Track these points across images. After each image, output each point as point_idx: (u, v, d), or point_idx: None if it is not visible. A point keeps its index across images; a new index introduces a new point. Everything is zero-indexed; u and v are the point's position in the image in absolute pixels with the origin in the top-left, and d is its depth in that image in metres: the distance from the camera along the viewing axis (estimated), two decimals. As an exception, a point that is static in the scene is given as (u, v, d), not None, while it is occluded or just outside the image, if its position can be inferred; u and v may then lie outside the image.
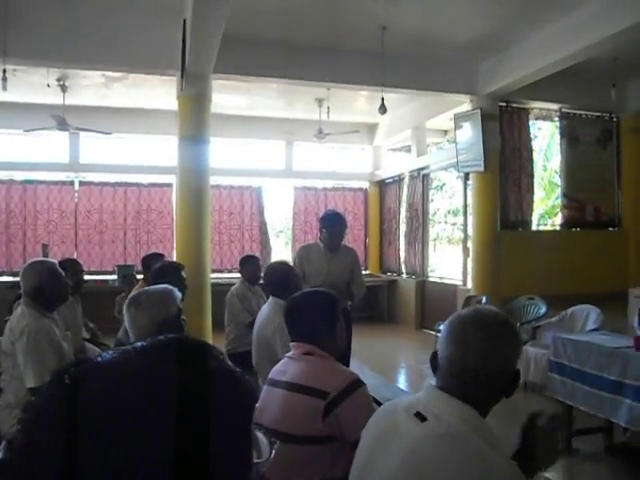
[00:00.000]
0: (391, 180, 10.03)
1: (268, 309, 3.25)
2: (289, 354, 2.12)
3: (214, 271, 8.55)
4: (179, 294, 2.14)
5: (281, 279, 3.25)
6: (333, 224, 4.07)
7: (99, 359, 0.52)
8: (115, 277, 7.87)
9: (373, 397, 2.29)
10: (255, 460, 0.60)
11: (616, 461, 3.65)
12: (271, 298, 3.29)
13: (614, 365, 3.41)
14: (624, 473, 3.54)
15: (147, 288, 2.17)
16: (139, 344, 0.54)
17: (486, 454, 1.12)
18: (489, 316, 1.28)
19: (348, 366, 2.84)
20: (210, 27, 4.61)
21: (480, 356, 1.21)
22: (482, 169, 6.99)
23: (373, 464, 1.27)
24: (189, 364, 0.53)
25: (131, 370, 0.51)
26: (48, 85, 7.03)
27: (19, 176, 8.65)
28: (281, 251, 10.33)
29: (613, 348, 3.48)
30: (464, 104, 7.35)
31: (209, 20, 4.48)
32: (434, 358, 1.29)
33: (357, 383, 1.92)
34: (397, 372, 6.44)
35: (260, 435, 0.81)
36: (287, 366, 2.08)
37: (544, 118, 8.05)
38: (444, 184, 14.28)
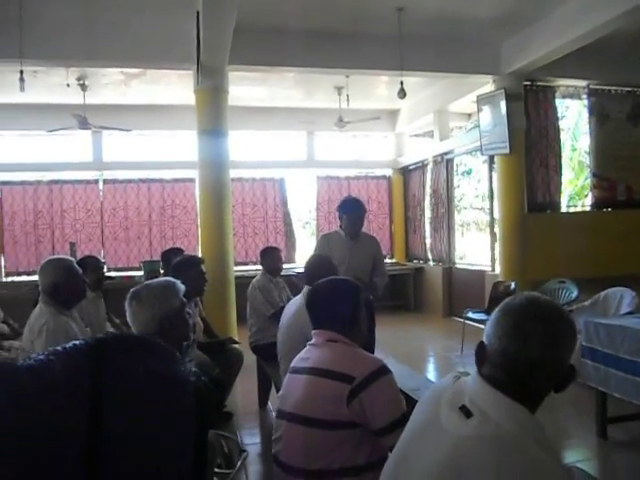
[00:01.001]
0: (414, 166, 9.87)
1: (302, 299, 3.19)
2: (311, 342, 2.08)
3: (239, 264, 8.60)
4: (182, 287, 2.09)
5: (317, 270, 3.19)
6: (352, 209, 4.01)
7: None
8: (141, 273, 7.94)
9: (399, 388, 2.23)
10: (222, 470, 0.55)
11: (654, 449, 3.51)
12: (305, 288, 3.23)
13: (650, 349, 3.27)
14: (662, 461, 3.40)
15: (149, 282, 2.13)
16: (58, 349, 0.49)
17: (537, 456, 1.04)
18: (547, 308, 1.19)
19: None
20: (222, 18, 4.56)
21: (539, 352, 1.13)
22: (507, 151, 6.80)
23: (410, 455, 1.21)
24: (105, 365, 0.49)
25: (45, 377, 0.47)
26: (68, 85, 7.11)
27: (45, 177, 8.79)
28: (306, 242, 10.26)
29: (648, 332, 3.33)
30: (487, 85, 7.15)
31: (220, 11, 4.43)
32: (481, 349, 1.21)
33: (384, 370, 1.88)
34: (425, 361, 6.34)
35: (232, 445, 0.76)
36: (310, 353, 2.04)
37: (571, 96, 7.77)
38: (471, 169, 14.06)
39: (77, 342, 0.52)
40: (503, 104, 6.75)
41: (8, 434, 0.51)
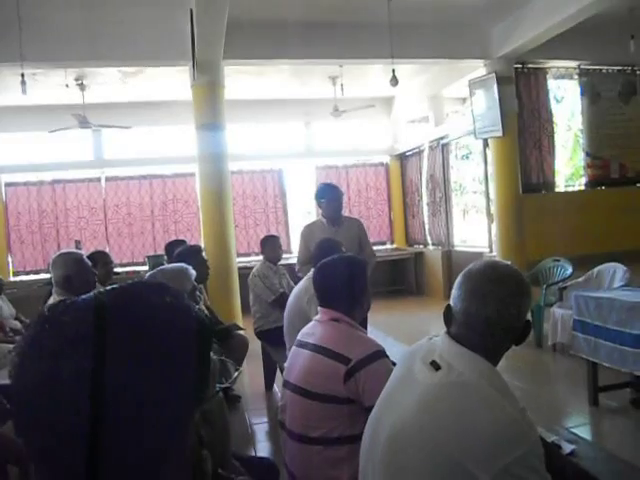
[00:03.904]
0: (411, 152, 9.98)
1: (307, 280, 3.27)
2: (317, 317, 2.20)
3: (242, 255, 8.74)
4: (193, 272, 2.24)
5: (323, 253, 3.25)
6: (330, 194, 4.07)
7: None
8: (146, 267, 8.10)
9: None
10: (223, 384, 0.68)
11: (643, 413, 3.67)
12: (312, 270, 3.31)
13: (635, 319, 3.40)
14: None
15: (163, 266, 2.28)
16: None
17: (494, 399, 1.18)
18: (503, 272, 1.33)
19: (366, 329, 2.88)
20: (214, 15, 4.68)
21: (495, 310, 1.27)
22: (500, 134, 6.91)
23: (390, 405, 1.36)
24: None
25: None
26: (67, 85, 7.23)
27: (48, 176, 8.94)
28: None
29: (634, 302, 3.47)
30: (479, 69, 7.25)
31: (213, 8, 4.55)
32: (448, 311, 1.36)
33: (379, 354, 1.99)
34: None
35: (229, 365, 0.89)
36: (315, 329, 2.16)
37: (563, 77, 7.87)
38: (470, 152, 14.09)
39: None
40: (495, 87, 6.86)
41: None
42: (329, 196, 4.07)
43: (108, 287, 0.64)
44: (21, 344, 0.59)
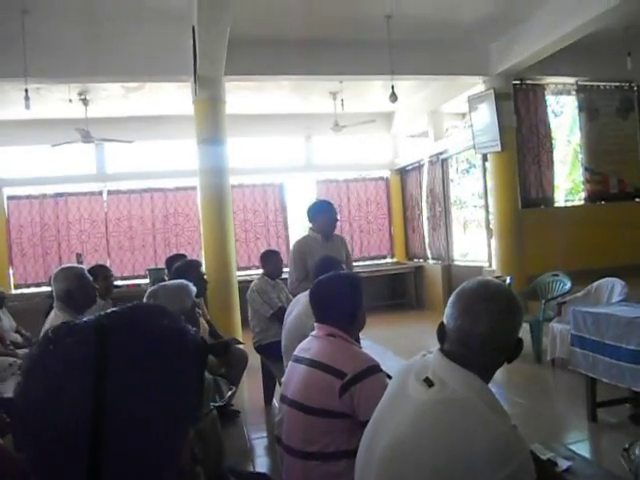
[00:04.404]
0: (411, 167, 10.05)
1: (306, 298, 3.27)
2: (313, 333, 2.23)
3: (242, 269, 8.76)
4: (194, 289, 2.27)
5: (326, 270, 3.26)
6: (328, 210, 4.13)
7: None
8: (147, 280, 8.12)
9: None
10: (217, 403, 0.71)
11: (642, 429, 3.66)
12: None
13: (632, 335, 3.42)
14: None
15: (164, 283, 2.31)
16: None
17: (486, 417, 1.20)
18: (495, 290, 1.36)
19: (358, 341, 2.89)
20: (216, 32, 4.76)
21: (488, 328, 1.29)
22: (499, 149, 6.97)
23: (384, 421, 1.38)
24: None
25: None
26: (70, 100, 7.31)
27: (50, 190, 9.00)
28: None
29: (631, 318, 3.48)
30: (478, 85, 7.33)
31: (214, 26, 4.62)
32: (441, 329, 1.38)
33: (374, 369, 2.01)
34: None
35: (222, 383, 0.92)
36: (311, 344, 2.19)
37: (561, 93, 7.96)
38: (471, 166, 14.16)
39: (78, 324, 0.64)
40: (493, 103, 6.93)
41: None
42: (328, 213, 4.12)
43: (109, 310, 0.67)
44: (26, 363, 0.62)
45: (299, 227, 10.48)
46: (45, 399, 0.59)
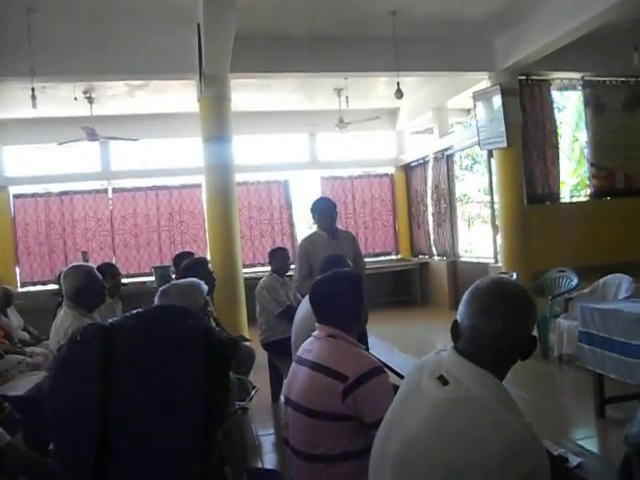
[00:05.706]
0: (416, 163, 10.04)
1: None
2: (315, 333, 2.20)
3: (247, 266, 8.77)
4: (205, 287, 2.27)
5: (328, 269, 3.24)
6: (329, 206, 4.16)
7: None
8: (152, 278, 8.15)
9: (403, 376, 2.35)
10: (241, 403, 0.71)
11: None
12: None
13: (641, 331, 3.42)
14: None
15: (176, 281, 2.32)
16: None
17: (501, 415, 1.20)
18: (509, 289, 1.37)
19: (366, 343, 2.88)
20: (221, 30, 4.75)
21: (503, 328, 1.30)
22: (505, 145, 6.95)
23: (398, 420, 1.38)
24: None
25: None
26: (75, 98, 7.31)
27: (56, 188, 9.03)
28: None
29: (639, 314, 3.48)
30: (483, 81, 7.30)
31: (220, 23, 4.61)
32: (455, 327, 1.38)
33: (376, 371, 1.99)
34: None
35: (247, 383, 0.93)
36: (312, 345, 2.17)
37: (566, 88, 7.91)
38: (475, 163, 14.13)
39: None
40: (498, 99, 6.90)
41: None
42: (329, 208, 4.13)
43: (134, 311, 0.67)
44: (53, 366, 0.63)
45: (304, 224, 10.52)
46: (73, 401, 0.59)
